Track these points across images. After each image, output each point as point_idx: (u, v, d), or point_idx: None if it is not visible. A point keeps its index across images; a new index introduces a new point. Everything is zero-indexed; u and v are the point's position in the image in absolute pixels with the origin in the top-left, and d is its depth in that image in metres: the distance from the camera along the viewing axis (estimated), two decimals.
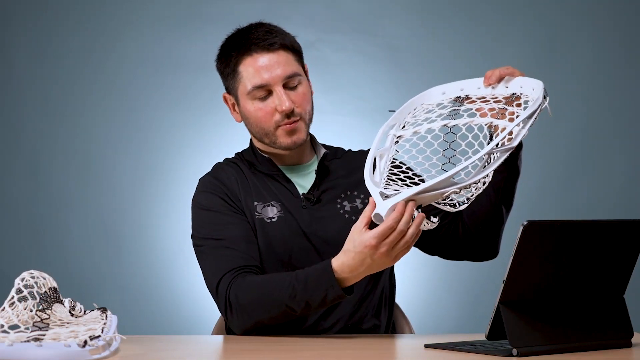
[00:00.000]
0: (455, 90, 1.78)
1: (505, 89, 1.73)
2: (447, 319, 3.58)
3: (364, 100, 3.63)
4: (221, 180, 1.95)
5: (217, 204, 1.92)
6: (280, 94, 1.90)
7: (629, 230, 1.59)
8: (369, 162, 1.66)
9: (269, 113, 1.91)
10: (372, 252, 1.63)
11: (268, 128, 1.92)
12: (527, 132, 1.60)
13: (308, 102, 1.94)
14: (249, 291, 1.78)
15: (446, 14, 3.67)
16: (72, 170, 3.59)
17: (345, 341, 1.74)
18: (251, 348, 1.66)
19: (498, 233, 1.94)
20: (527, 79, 1.71)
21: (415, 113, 1.75)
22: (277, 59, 1.91)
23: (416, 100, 1.78)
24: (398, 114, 1.75)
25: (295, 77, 1.91)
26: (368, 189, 1.63)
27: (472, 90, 1.77)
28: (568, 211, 3.54)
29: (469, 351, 1.54)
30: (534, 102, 1.61)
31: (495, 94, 1.73)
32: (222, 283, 1.81)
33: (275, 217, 1.92)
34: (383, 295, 1.97)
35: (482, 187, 1.61)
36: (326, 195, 1.96)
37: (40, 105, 3.60)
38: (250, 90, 1.91)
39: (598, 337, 1.57)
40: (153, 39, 3.62)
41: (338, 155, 2.05)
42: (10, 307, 1.48)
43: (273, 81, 1.90)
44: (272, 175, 1.97)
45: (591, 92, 3.64)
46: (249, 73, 1.91)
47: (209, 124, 3.60)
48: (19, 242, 3.57)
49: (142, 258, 3.59)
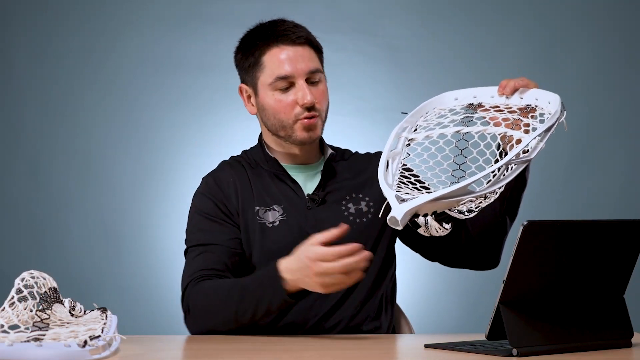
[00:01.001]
0: (468, 96, 1.76)
1: (519, 100, 1.72)
2: (447, 319, 3.58)
3: (364, 100, 3.63)
4: (219, 184, 1.96)
5: (209, 209, 1.93)
6: (303, 87, 1.90)
7: (629, 230, 1.59)
8: (382, 165, 1.66)
9: (289, 105, 1.91)
10: (307, 266, 1.63)
11: (286, 120, 1.92)
12: (544, 145, 1.58)
13: (326, 101, 1.95)
14: (202, 296, 1.80)
15: (446, 14, 3.67)
16: (72, 170, 3.59)
17: (345, 341, 1.74)
18: (251, 348, 1.66)
19: (500, 242, 1.94)
20: (543, 92, 1.70)
21: (427, 117, 1.74)
22: (302, 52, 1.92)
23: (428, 104, 1.77)
24: (410, 117, 1.74)
25: (317, 73, 1.93)
26: (383, 191, 1.61)
27: (486, 98, 1.75)
28: (568, 211, 3.54)
29: (469, 351, 1.54)
30: (552, 116, 1.60)
31: (509, 104, 1.71)
32: (188, 288, 1.84)
33: (277, 221, 1.92)
34: (384, 297, 1.97)
35: (494, 196, 1.61)
36: (331, 197, 1.96)
37: (40, 105, 3.60)
38: (272, 81, 1.91)
39: (598, 337, 1.57)
40: (153, 39, 3.62)
41: (345, 157, 2.05)
42: (10, 307, 1.48)
43: (297, 74, 1.90)
44: (277, 174, 1.97)
45: (591, 92, 3.64)
46: (274, 63, 1.91)
47: (209, 124, 3.60)
48: (19, 242, 3.57)
49: (142, 258, 3.59)
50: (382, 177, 1.64)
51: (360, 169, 2.01)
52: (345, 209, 1.94)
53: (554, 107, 1.64)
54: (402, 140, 1.71)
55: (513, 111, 1.69)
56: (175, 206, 3.53)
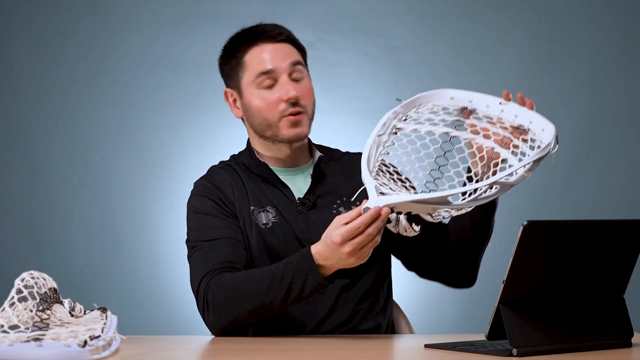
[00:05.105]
0: (464, 99, 1.71)
1: (513, 117, 1.66)
2: (447, 319, 3.58)
3: (364, 100, 3.63)
4: (215, 184, 1.95)
5: (209, 207, 1.92)
6: (287, 82, 1.90)
7: (629, 230, 1.59)
8: (366, 152, 1.64)
9: (273, 103, 1.91)
10: (337, 249, 1.62)
11: (272, 119, 1.92)
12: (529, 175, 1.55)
13: (311, 98, 1.94)
14: (225, 288, 1.78)
15: (446, 14, 3.67)
16: (72, 170, 3.59)
17: (345, 341, 1.74)
18: (251, 348, 1.66)
19: (475, 262, 1.96)
20: (539, 117, 1.64)
21: (420, 109, 1.72)
22: (283, 49, 1.92)
23: (424, 97, 1.73)
24: (404, 106, 1.71)
25: (299, 66, 1.93)
26: (363, 177, 1.60)
27: (481, 106, 1.70)
28: (568, 211, 3.54)
29: (469, 351, 1.54)
30: (545, 147, 1.56)
31: (503, 119, 1.67)
32: (202, 283, 1.82)
33: (270, 223, 1.91)
34: (380, 297, 1.96)
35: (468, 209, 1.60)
36: (321, 201, 1.94)
37: (40, 105, 3.59)
38: (255, 78, 1.91)
39: (598, 337, 1.57)
40: (152, 39, 3.62)
41: (335, 157, 2.03)
42: (11, 308, 1.48)
43: (279, 69, 1.90)
44: (268, 179, 1.96)
45: (591, 92, 3.63)
46: (256, 61, 1.91)
47: (208, 124, 3.60)
48: (19, 242, 3.57)
49: (142, 258, 3.58)
50: (365, 165, 1.62)
51: (353, 171, 1.98)
52: (337, 213, 1.92)
53: (547, 137, 1.59)
54: (390, 129, 1.68)
55: (505, 127, 1.66)
56: (175, 206, 3.53)
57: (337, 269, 1.69)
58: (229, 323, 1.78)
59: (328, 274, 1.70)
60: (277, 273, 1.72)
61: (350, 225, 1.60)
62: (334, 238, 1.62)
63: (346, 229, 1.60)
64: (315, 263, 1.68)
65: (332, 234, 1.62)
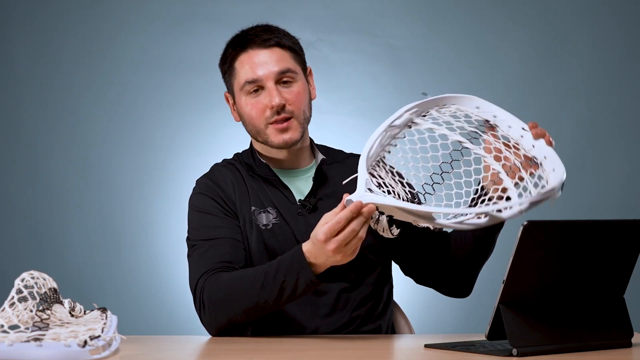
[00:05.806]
0: (488, 112, 1.68)
1: (531, 147, 1.64)
2: (447, 319, 3.58)
3: (364, 100, 3.63)
4: (217, 183, 1.95)
5: (210, 206, 1.92)
6: (272, 89, 1.89)
7: (629, 230, 1.59)
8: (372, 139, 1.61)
9: (260, 110, 1.91)
10: (323, 246, 1.61)
11: (259, 125, 1.91)
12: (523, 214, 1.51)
13: (302, 102, 1.92)
14: (221, 287, 1.78)
15: (446, 14, 3.67)
16: (72, 170, 3.59)
17: (345, 342, 1.74)
18: (251, 348, 1.66)
19: (472, 274, 1.96)
20: (554, 156, 1.63)
21: (441, 110, 1.69)
22: (271, 55, 1.91)
23: (450, 99, 1.69)
24: (427, 102, 1.67)
25: (288, 73, 1.91)
26: (359, 169, 1.58)
27: (503, 124, 1.66)
28: (568, 211, 3.54)
29: (469, 351, 1.54)
30: (548, 191, 1.54)
31: (519, 145, 1.65)
32: (199, 283, 1.82)
33: (270, 224, 1.91)
34: (381, 300, 1.96)
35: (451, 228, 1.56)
36: (322, 204, 1.93)
37: (40, 105, 3.59)
38: (242, 86, 1.91)
39: (598, 337, 1.57)
40: (152, 39, 3.62)
41: (339, 159, 2.02)
42: (11, 308, 1.48)
43: (265, 77, 1.89)
44: (269, 180, 1.96)
45: (592, 92, 3.63)
46: (243, 68, 1.91)
47: (208, 124, 3.60)
48: (19, 242, 3.57)
49: (142, 258, 3.58)
50: (367, 152, 1.59)
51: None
52: None
53: (554, 179, 1.58)
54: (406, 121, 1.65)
55: (518, 155, 1.64)
56: (175, 206, 3.53)
57: (328, 266, 1.68)
58: (225, 323, 1.78)
59: (320, 272, 1.69)
60: (270, 272, 1.72)
61: (331, 221, 1.59)
62: (318, 236, 1.61)
63: (328, 226, 1.59)
64: (307, 261, 1.68)
65: (317, 232, 1.62)
